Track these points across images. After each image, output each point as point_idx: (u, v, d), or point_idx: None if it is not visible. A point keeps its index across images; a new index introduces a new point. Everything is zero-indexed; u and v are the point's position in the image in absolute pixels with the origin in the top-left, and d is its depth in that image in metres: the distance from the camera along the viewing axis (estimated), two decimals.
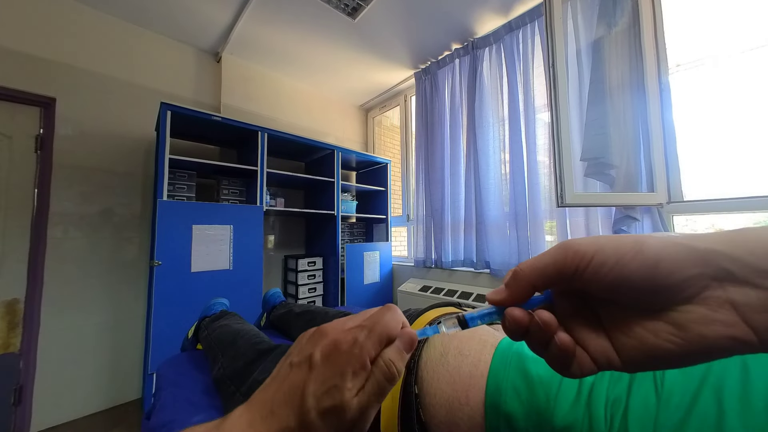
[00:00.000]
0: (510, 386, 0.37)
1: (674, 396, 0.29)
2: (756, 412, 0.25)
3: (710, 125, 1.33)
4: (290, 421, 0.22)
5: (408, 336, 0.26)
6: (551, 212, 1.68)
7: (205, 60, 2.21)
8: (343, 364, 0.23)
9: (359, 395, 0.23)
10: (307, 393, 0.23)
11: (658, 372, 0.31)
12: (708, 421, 0.26)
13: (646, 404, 0.30)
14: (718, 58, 1.30)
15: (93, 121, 1.75)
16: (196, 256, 1.54)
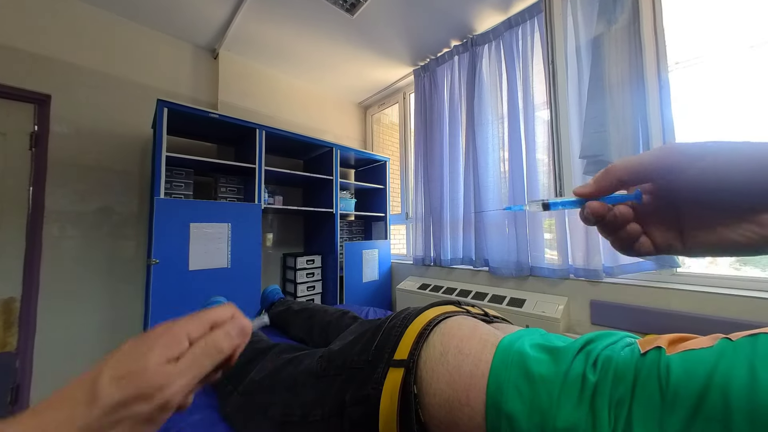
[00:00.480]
0: (512, 386, 0.36)
1: (680, 396, 0.28)
2: (764, 412, 0.24)
3: (709, 123, 1.33)
4: (78, 405, 0.21)
5: (238, 322, 0.28)
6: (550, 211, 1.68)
7: (202, 57, 2.19)
8: (153, 340, 0.24)
9: (169, 365, 0.23)
10: (102, 370, 0.22)
11: (663, 372, 0.31)
12: (715, 421, 0.26)
13: (651, 404, 0.30)
14: (718, 56, 1.30)
15: (89, 119, 1.73)
16: (194, 254, 1.53)
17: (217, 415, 0.59)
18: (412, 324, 0.47)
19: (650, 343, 0.36)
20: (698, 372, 0.29)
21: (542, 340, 0.42)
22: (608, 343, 0.39)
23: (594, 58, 1.43)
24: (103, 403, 0.21)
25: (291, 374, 0.55)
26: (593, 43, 1.45)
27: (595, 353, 0.37)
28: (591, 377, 0.34)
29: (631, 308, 1.34)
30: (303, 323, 0.99)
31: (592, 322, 1.46)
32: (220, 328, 0.27)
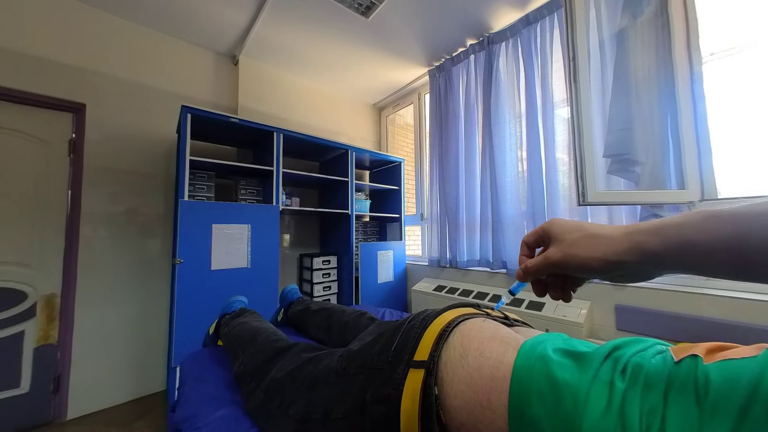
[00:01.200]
0: (535, 391, 0.36)
1: (720, 407, 0.27)
2: None
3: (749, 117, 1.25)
4: None
5: None
6: (571, 211, 1.63)
7: (223, 63, 2.27)
8: None
9: None
10: None
11: (701, 381, 0.30)
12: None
13: (687, 415, 0.28)
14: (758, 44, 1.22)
15: (118, 125, 1.83)
16: (215, 254, 1.59)
17: (241, 410, 0.62)
18: (431, 325, 0.47)
19: (685, 351, 0.34)
20: (741, 382, 0.27)
21: (565, 345, 0.41)
22: (638, 350, 0.37)
23: (618, 52, 1.37)
24: None
25: (311, 373, 0.56)
26: (617, 37, 1.39)
27: (623, 360, 0.36)
28: (619, 384, 0.33)
29: (659, 314, 1.28)
30: (321, 323, 1.01)
31: (617, 328, 1.40)
32: None
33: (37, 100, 1.61)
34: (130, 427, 1.57)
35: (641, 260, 0.31)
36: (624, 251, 0.31)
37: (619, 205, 1.40)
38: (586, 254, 0.34)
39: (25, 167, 1.59)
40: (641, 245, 0.31)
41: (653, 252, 0.30)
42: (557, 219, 0.38)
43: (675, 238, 0.29)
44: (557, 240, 0.36)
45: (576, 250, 0.34)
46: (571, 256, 0.35)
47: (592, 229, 0.35)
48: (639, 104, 1.29)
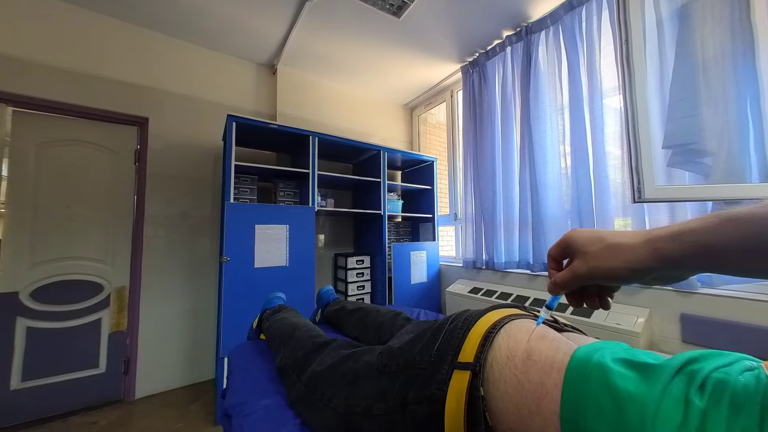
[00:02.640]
0: (592, 402, 0.33)
1: None
2: None
3: None
4: None
5: None
6: (624, 209, 1.48)
7: (263, 73, 2.42)
8: None
9: None
10: None
11: None
12: None
13: None
14: None
15: (175, 135, 2.03)
16: (258, 253, 1.69)
17: (284, 401, 0.64)
18: (475, 326, 0.46)
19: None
20: None
21: (627, 354, 0.37)
22: (720, 365, 0.32)
23: (681, 31, 1.22)
24: None
25: (351, 368, 0.57)
26: (679, 14, 1.24)
27: (701, 375, 0.31)
28: (697, 402, 0.29)
29: (739, 326, 1.11)
30: (357, 322, 1.03)
31: (683, 340, 1.24)
32: None
33: (107, 115, 1.84)
34: (186, 409, 1.72)
35: (664, 266, 0.31)
36: (647, 259, 0.32)
37: (684, 202, 1.25)
38: (612, 265, 0.34)
39: (99, 175, 1.82)
40: (661, 252, 0.31)
41: (673, 258, 0.30)
42: (577, 230, 0.38)
43: (693, 243, 0.29)
44: (580, 252, 0.36)
45: (600, 261, 0.35)
46: (597, 267, 0.35)
47: (611, 238, 0.35)
48: (708, 87, 1.14)
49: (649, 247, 0.32)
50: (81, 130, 1.79)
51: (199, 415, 1.67)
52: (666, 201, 1.24)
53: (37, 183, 1.67)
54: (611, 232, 0.36)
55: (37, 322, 1.62)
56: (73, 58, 1.76)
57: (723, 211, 0.29)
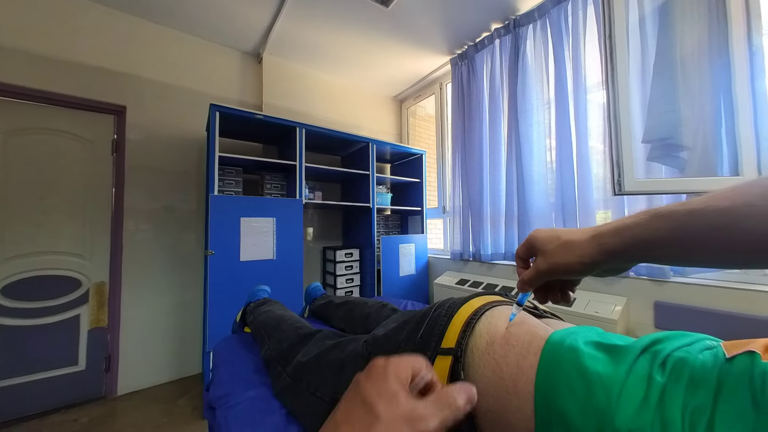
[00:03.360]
0: (564, 382, 0.34)
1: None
2: None
3: None
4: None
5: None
6: (605, 202, 1.53)
7: (248, 62, 2.34)
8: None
9: None
10: None
11: (757, 381, 0.27)
12: None
13: (741, 417, 0.26)
14: None
15: (155, 125, 1.95)
16: (244, 246, 1.67)
17: (270, 392, 0.65)
18: (458, 313, 0.47)
19: (739, 347, 0.31)
20: None
21: (600, 338, 0.39)
22: (681, 345, 0.35)
23: (662, 27, 1.25)
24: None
25: (337, 357, 0.58)
26: (660, 11, 1.27)
27: (664, 353, 0.33)
28: (659, 378, 0.31)
29: (707, 312, 1.18)
30: (344, 315, 1.03)
31: (656, 326, 1.31)
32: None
33: (81, 103, 1.75)
34: (173, 404, 1.70)
35: (609, 259, 0.34)
36: (594, 253, 0.35)
37: (661, 195, 1.29)
38: (567, 260, 0.37)
39: (74, 166, 1.74)
40: (605, 246, 0.34)
41: (615, 251, 0.33)
42: (539, 230, 0.41)
43: (630, 238, 0.32)
44: (541, 251, 0.39)
45: (557, 258, 0.37)
46: (555, 263, 0.38)
47: (565, 236, 0.38)
48: (686, 83, 1.18)
49: (595, 243, 0.35)
50: (53, 119, 1.70)
51: (186, 410, 1.65)
52: (644, 194, 1.28)
53: (5, 173, 1.58)
54: (566, 231, 0.38)
55: (10, 320, 1.56)
56: (43, 40, 1.66)
57: (652, 209, 0.31)
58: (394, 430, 0.22)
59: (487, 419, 0.39)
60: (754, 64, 1.08)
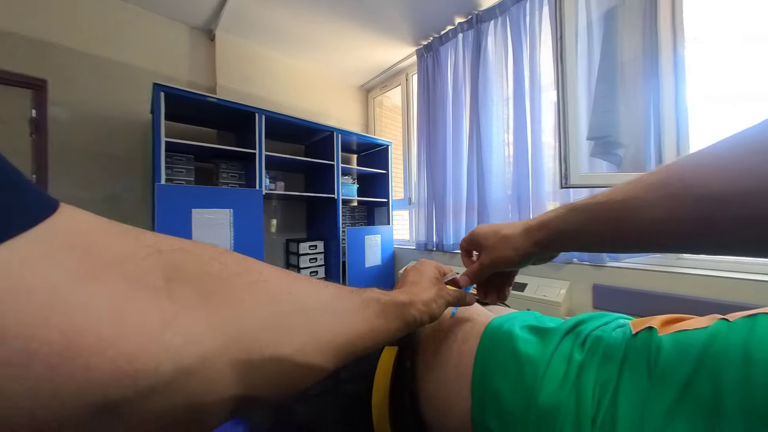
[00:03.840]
0: (499, 365, 0.37)
1: (667, 378, 0.28)
2: (758, 392, 0.24)
3: (723, 102, 1.27)
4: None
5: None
6: (555, 194, 1.65)
7: (198, 38, 2.14)
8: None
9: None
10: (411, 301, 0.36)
11: (653, 352, 0.31)
12: (703, 403, 0.25)
13: (638, 385, 0.29)
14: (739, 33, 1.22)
15: (87, 104, 1.72)
16: (197, 239, 1.55)
17: None
18: None
19: (643, 323, 0.35)
20: (689, 353, 0.28)
21: (535, 321, 0.43)
22: (599, 324, 0.39)
23: (606, 33, 1.35)
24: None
25: None
26: (606, 17, 1.37)
27: (584, 333, 0.37)
28: (577, 356, 0.34)
29: (633, 292, 1.33)
30: None
31: (594, 306, 1.46)
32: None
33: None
34: None
35: (539, 250, 0.38)
36: (527, 246, 0.38)
37: (601, 188, 1.42)
38: (505, 254, 0.40)
39: None
40: (534, 238, 0.38)
41: (542, 242, 0.37)
42: (481, 226, 0.44)
43: (553, 230, 0.36)
44: (484, 246, 0.43)
45: (498, 252, 0.41)
46: (497, 257, 0.41)
47: (503, 231, 0.41)
48: (624, 87, 1.29)
49: (527, 236, 0.38)
50: None
51: None
52: (587, 186, 1.40)
53: None
54: (505, 225, 0.42)
55: None
56: None
57: (570, 203, 0.35)
58: (439, 292, 0.38)
59: (429, 404, 0.41)
60: (677, 73, 1.21)
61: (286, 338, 0.20)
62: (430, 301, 0.36)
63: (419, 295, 0.36)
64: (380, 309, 0.30)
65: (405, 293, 0.35)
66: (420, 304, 0.34)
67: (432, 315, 0.36)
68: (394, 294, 0.33)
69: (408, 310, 0.33)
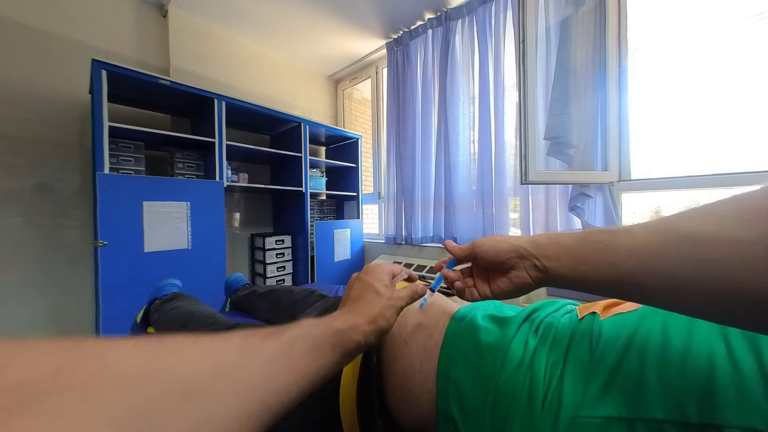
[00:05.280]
0: (462, 355, 0.39)
1: (605, 356, 0.31)
2: (672, 365, 0.27)
3: (658, 109, 1.42)
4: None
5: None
6: (515, 190, 1.75)
7: (147, 12, 1.93)
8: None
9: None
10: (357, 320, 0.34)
11: (595, 335, 0.34)
12: (631, 376, 0.29)
13: (582, 363, 0.32)
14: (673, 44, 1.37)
15: (13, 81, 1.49)
16: (149, 235, 1.43)
17: None
18: None
19: (587, 309, 0.39)
20: (622, 333, 0.32)
21: (495, 311, 0.45)
22: (551, 311, 0.42)
23: (561, 39, 1.44)
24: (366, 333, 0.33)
25: None
26: (562, 25, 1.45)
27: (538, 320, 0.40)
28: (532, 342, 0.37)
29: None
30: (270, 306, 0.98)
31: (548, 294, 1.57)
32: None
33: None
34: None
35: (532, 248, 0.37)
36: (523, 241, 0.38)
37: (554, 184, 1.53)
38: (499, 242, 0.40)
39: None
40: (533, 239, 0.38)
41: (538, 243, 0.37)
42: (483, 241, 0.42)
43: (554, 239, 0.36)
44: (480, 243, 0.44)
45: (493, 239, 0.41)
46: (490, 242, 0.41)
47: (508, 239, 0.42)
48: (576, 91, 1.39)
49: (527, 237, 0.39)
50: None
51: None
52: (543, 183, 1.50)
53: None
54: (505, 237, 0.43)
55: None
56: None
57: (552, 233, 0.37)
58: (388, 302, 0.36)
59: (396, 396, 0.42)
60: (621, 81, 1.33)
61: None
62: (377, 317, 0.33)
63: (364, 312, 0.33)
64: (311, 344, 0.26)
65: (345, 315, 0.32)
66: (364, 325, 0.32)
67: (381, 331, 0.33)
68: (329, 321, 0.30)
69: (349, 336, 0.30)
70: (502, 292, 0.38)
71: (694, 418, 0.25)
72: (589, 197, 1.40)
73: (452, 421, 0.37)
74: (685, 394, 0.26)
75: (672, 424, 0.25)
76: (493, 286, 0.38)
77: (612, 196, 1.41)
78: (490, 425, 0.34)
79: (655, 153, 1.41)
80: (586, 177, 1.38)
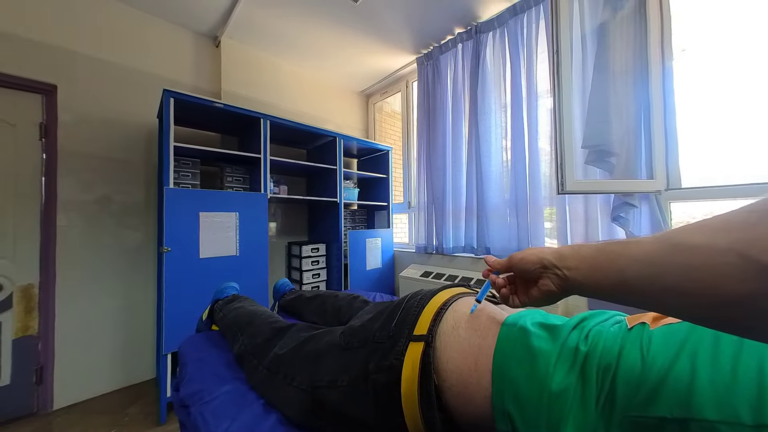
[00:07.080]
0: (516, 357, 0.42)
1: (656, 361, 0.33)
2: (723, 372, 0.29)
3: (711, 112, 1.35)
4: None
5: None
6: (551, 199, 1.71)
7: (203, 44, 2.18)
8: None
9: None
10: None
11: (645, 342, 0.36)
12: (682, 380, 0.31)
13: (633, 368, 0.35)
14: (724, 44, 1.30)
15: (94, 108, 1.74)
16: (204, 242, 1.58)
17: (245, 386, 0.65)
18: (428, 304, 0.53)
19: (636, 319, 0.41)
20: (673, 341, 0.34)
21: (542, 319, 0.48)
22: (600, 320, 0.44)
23: (599, 46, 1.43)
24: None
25: (314, 348, 0.61)
26: (598, 31, 1.44)
27: (587, 329, 0.42)
28: (583, 348, 0.39)
29: None
30: (316, 309, 1.05)
31: (589, 308, 1.51)
32: None
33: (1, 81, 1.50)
34: (121, 414, 1.57)
35: (555, 260, 0.40)
36: (547, 252, 0.41)
37: (595, 194, 1.49)
38: (527, 254, 0.44)
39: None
40: (558, 250, 0.42)
41: (563, 254, 0.40)
42: (521, 256, 0.46)
43: (580, 253, 0.39)
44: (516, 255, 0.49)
45: (522, 253, 0.46)
46: (521, 254, 0.46)
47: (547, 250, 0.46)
48: (616, 97, 1.36)
49: (552, 248, 0.43)
50: None
51: (138, 418, 1.54)
52: (582, 193, 1.47)
53: None
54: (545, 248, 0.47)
55: None
56: None
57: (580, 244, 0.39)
58: None
59: (452, 393, 0.45)
60: (666, 85, 1.28)
61: None
62: None
63: None
64: None
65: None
66: None
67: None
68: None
69: None
70: (533, 299, 0.42)
71: (748, 419, 0.26)
72: (634, 207, 1.35)
73: (509, 416, 0.40)
74: (738, 396, 0.27)
75: (726, 425, 0.27)
76: (528, 295, 0.43)
77: (659, 206, 1.35)
78: (546, 422, 0.37)
79: (710, 159, 1.33)
80: (630, 186, 1.33)
